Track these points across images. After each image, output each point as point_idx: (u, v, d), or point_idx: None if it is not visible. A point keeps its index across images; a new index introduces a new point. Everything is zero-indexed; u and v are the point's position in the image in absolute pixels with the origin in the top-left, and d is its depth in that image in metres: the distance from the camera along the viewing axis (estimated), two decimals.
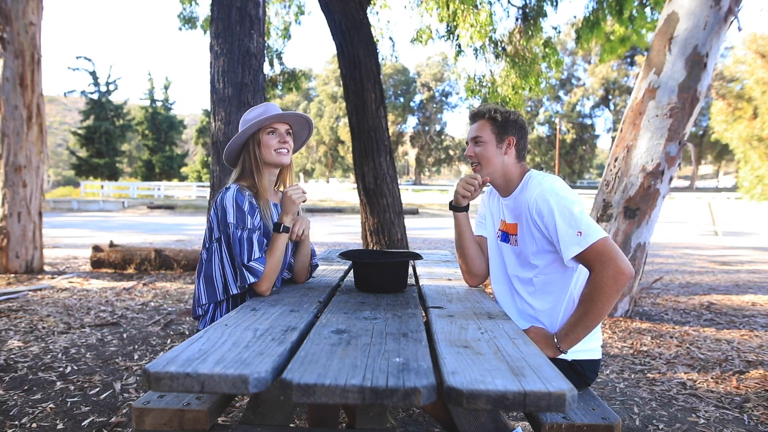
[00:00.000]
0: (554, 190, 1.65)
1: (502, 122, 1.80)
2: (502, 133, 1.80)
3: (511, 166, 1.82)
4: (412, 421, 2.36)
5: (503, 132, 1.80)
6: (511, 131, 1.81)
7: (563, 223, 1.59)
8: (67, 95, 40.43)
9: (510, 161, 1.82)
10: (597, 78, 48.06)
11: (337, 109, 46.83)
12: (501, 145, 1.80)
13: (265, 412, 1.33)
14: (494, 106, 1.83)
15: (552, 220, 1.61)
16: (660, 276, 6.61)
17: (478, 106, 1.87)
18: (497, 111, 1.81)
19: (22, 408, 2.41)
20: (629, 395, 2.71)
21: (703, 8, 3.93)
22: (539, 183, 1.71)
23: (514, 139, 1.81)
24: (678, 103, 4.01)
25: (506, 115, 1.81)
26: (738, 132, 22.88)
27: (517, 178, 1.82)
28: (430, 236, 13.04)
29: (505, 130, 1.80)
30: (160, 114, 40.55)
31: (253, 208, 1.81)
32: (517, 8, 7.59)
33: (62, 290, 5.21)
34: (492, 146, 1.80)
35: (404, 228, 6.33)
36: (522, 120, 1.84)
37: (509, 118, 1.81)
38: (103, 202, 24.71)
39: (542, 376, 0.98)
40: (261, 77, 3.93)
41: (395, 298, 1.76)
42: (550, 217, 1.62)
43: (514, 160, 1.82)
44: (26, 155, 6.00)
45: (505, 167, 1.82)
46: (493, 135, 1.80)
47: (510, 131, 1.81)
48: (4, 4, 5.83)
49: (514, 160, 1.82)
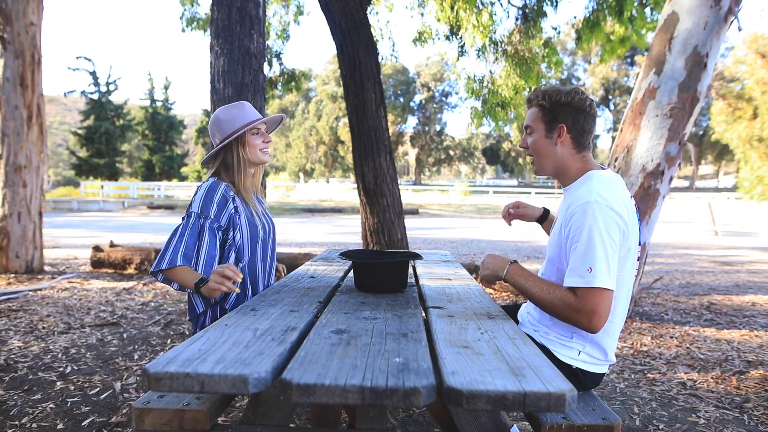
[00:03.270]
0: (602, 207, 1.44)
1: (551, 108, 1.59)
2: (551, 121, 1.60)
3: (567, 158, 1.61)
4: (412, 421, 2.36)
5: (553, 119, 1.59)
6: (561, 117, 1.58)
7: (584, 251, 1.43)
8: (67, 95, 40.40)
9: (566, 152, 1.60)
10: (597, 78, 48.06)
11: (337, 109, 46.82)
12: (551, 135, 1.60)
13: (265, 412, 1.33)
14: (545, 89, 1.61)
15: (578, 239, 1.45)
16: (660, 276, 6.61)
17: (533, 90, 1.67)
18: (546, 95, 1.59)
19: (22, 408, 2.41)
20: (629, 395, 2.71)
21: (703, 8, 3.93)
22: (592, 192, 1.48)
23: (566, 126, 1.58)
24: (678, 103, 4.01)
25: (556, 99, 1.58)
26: (738, 132, 22.86)
27: (577, 172, 1.61)
28: (430, 236, 13.04)
29: (555, 117, 1.59)
30: (160, 114, 40.53)
31: (227, 200, 1.85)
32: (517, 8, 7.59)
33: (62, 290, 5.21)
34: (541, 137, 1.62)
35: (404, 228, 6.33)
36: (579, 100, 1.57)
37: (560, 101, 1.58)
38: (103, 202, 24.71)
39: (542, 376, 0.98)
40: (261, 77, 3.93)
41: (395, 298, 1.76)
42: (579, 233, 1.45)
43: (570, 150, 1.60)
44: (26, 155, 6.00)
45: (561, 159, 1.61)
46: (543, 123, 1.61)
47: (561, 117, 1.58)
48: (4, 5, 5.83)
49: (570, 150, 1.60)
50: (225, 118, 1.93)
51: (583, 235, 1.44)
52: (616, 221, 1.45)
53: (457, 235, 13.36)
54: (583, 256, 1.43)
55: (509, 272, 1.60)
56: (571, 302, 1.44)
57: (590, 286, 1.40)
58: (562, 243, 1.55)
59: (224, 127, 1.92)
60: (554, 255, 1.60)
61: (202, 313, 1.81)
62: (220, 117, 1.94)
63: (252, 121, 1.92)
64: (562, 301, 1.45)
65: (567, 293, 1.46)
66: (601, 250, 1.41)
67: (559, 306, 1.46)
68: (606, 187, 1.51)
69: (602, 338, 1.58)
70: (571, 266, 1.46)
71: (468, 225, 18.00)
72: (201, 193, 1.82)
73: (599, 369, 1.62)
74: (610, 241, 1.43)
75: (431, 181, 69.03)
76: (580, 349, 1.59)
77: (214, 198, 1.82)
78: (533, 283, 1.55)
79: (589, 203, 1.45)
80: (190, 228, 1.77)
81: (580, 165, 1.62)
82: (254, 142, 1.93)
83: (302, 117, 52.76)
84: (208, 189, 1.83)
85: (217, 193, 1.83)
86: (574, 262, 1.45)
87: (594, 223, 1.43)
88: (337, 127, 48.29)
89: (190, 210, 1.80)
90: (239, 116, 1.92)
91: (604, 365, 1.64)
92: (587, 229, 1.43)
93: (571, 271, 1.45)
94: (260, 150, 1.95)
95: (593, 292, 1.40)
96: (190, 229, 1.77)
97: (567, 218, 1.52)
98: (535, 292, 1.53)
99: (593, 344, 1.59)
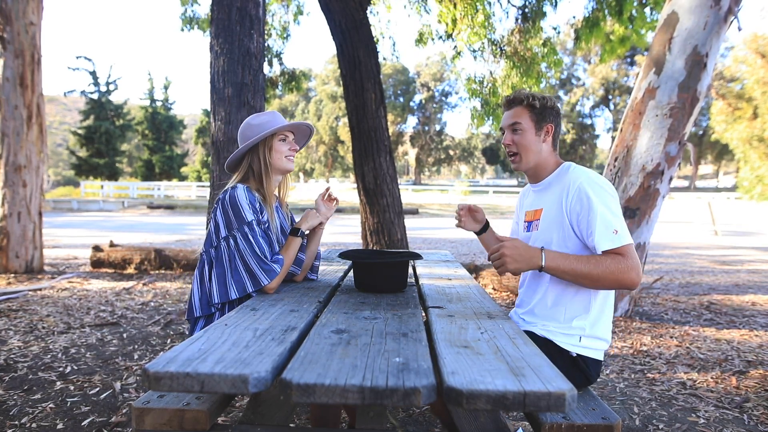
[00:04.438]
0: (600, 183, 1.62)
1: (541, 109, 1.74)
2: (540, 121, 1.75)
3: (548, 154, 1.78)
4: (412, 421, 2.36)
5: (542, 119, 1.75)
6: (549, 118, 1.76)
7: (603, 218, 1.56)
8: (67, 95, 40.45)
9: (547, 149, 1.77)
10: (597, 78, 48.05)
11: (337, 109, 46.81)
12: (540, 133, 1.75)
13: (264, 412, 1.33)
14: (531, 93, 1.77)
15: (592, 212, 1.57)
16: (660, 276, 6.61)
17: (514, 92, 1.80)
18: (535, 97, 1.75)
19: (22, 408, 2.41)
20: (629, 395, 2.71)
21: (703, 8, 3.93)
22: (585, 173, 1.66)
23: (552, 126, 1.76)
24: (678, 103, 4.01)
25: (544, 102, 1.75)
26: (738, 132, 22.89)
27: (553, 166, 1.78)
28: (430, 236, 13.04)
29: (544, 118, 1.75)
30: (160, 114, 40.53)
31: (262, 208, 1.86)
32: (517, 8, 7.59)
33: (62, 290, 5.21)
34: (531, 134, 1.75)
35: (404, 228, 6.33)
36: (558, 106, 1.79)
37: (547, 104, 1.75)
38: (103, 202, 24.71)
39: (542, 376, 0.98)
40: (261, 77, 3.93)
41: (395, 298, 1.76)
42: (589, 207, 1.58)
43: (550, 148, 1.78)
44: (26, 155, 6.00)
45: (543, 155, 1.77)
46: (532, 122, 1.75)
47: (548, 118, 1.75)
48: (4, 4, 5.83)
49: (550, 148, 1.78)
50: (256, 123, 1.93)
51: (595, 207, 1.58)
52: (612, 195, 1.62)
53: (457, 235, 13.36)
54: (603, 223, 1.56)
55: (548, 259, 1.58)
56: (620, 262, 1.53)
57: (622, 244, 1.54)
58: (565, 224, 1.66)
59: (254, 131, 1.92)
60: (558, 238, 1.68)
61: (200, 317, 1.81)
62: (251, 122, 1.95)
63: (285, 126, 1.93)
64: (613, 264, 1.54)
65: (612, 258, 1.55)
66: (614, 214, 1.57)
67: (611, 270, 1.53)
68: (591, 171, 1.70)
69: (601, 318, 1.67)
70: (598, 233, 1.56)
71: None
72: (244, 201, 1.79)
73: (599, 354, 1.68)
74: (616, 207, 1.60)
75: (431, 181, 69.05)
76: (581, 333, 1.65)
77: (255, 206, 1.83)
78: (575, 261, 1.57)
79: (590, 179, 1.63)
80: (260, 237, 1.78)
81: (555, 160, 1.80)
82: (281, 148, 1.93)
83: (302, 117, 52.73)
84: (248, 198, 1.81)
85: (255, 201, 1.84)
86: (600, 230, 1.56)
87: (599, 195, 1.59)
88: (337, 127, 48.28)
89: (247, 219, 1.77)
90: (270, 122, 1.93)
91: (601, 353, 1.70)
92: (596, 201, 1.58)
93: (600, 236, 1.56)
94: (285, 156, 1.95)
95: (628, 248, 1.55)
96: (260, 237, 1.78)
97: (567, 199, 1.65)
98: (582, 268, 1.55)
99: (593, 326, 1.66)
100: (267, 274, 1.74)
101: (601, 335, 1.67)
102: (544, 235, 1.71)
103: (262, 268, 1.74)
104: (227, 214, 1.78)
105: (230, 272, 1.76)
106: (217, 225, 1.80)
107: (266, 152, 1.92)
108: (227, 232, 1.78)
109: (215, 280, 1.77)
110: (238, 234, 1.77)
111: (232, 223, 1.77)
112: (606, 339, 1.69)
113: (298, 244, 1.90)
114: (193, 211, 22.61)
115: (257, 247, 1.75)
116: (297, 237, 1.89)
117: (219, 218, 1.80)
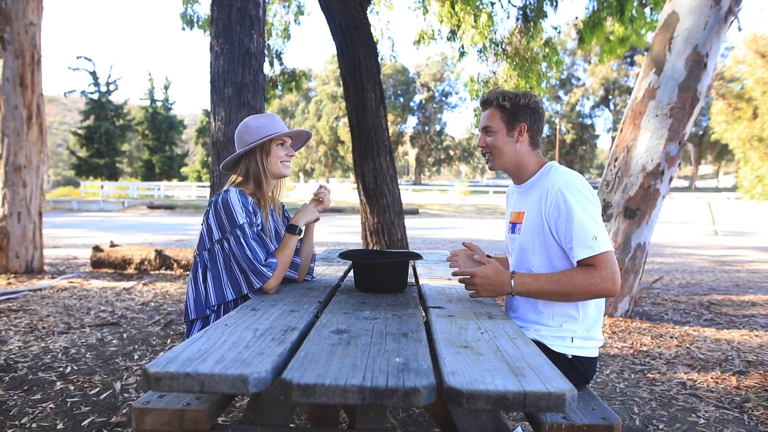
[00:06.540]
0: (579, 187, 1.58)
1: (512, 109, 1.70)
2: (512, 121, 1.71)
3: (525, 154, 1.74)
4: (412, 421, 2.36)
5: (513, 119, 1.71)
6: (522, 117, 1.71)
7: (581, 224, 1.52)
8: (67, 95, 40.47)
9: (524, 149, 1.73)
10: (597, 78, 48.04)
11: (337, 109, 46.79)
12: (512, 133, 1.72)
13: (264, 412, 1.33)
14: (502, 92, 1.73)
15: (570, 217, 1.54)
16: (660, 276, 6.61)
17: (488, 93, 1.77)
18: (506, 97, 1.71)
19: (22, 408, 2.41)
20: (629, 395, 2.71)
21: (703, 8, 3.93)
22: (563, 176, 1.62)
23: (525, 125, 1.71)
24: (678, 103, 4.01)
25: (515, 100, 1.70)
26: (738, 132, 22.88)
27: (534, 166, 1.74)
28: (430, 236, 13.05)
29: (516, 117, 1.71)
30: (160, 114, 40.54)
31: (255, 210, 1.86)
32: (518, 9, 7.59)
33: (62, 290, 5.21)
34: (503, 135, 1.72)
35: (404, 228, 6.33)
36: (534, 102, 1.72)
37: (519, 103, 1.70)
38: (103, 202, 24.72)
39: (542, 376, 0.98)
40: (261, 77, 3.93)
41: (395, 298, 1.76)
42: (567, 213, 1.55)
43: (527, 147, 1.73)
44: (26, 155, 6.00)
45: (519, 155, 1.73)
46: (503, 123, 1.71)
47: (521, 117, 1.71)
48: (4, 4, 5.83)
49: (527, 147, 1.73)
50: (254, 125, 1.92)
51: (574, 212, 1.54)
52: (591, 199, 1.59)
53: (457, 235, 13.36)
54: (581, 229, 1.53)
55: (517, 285, 1.58)
56: (592, 275, 1.51)
57: (601, 251, 1.51)
58: (545, 230, 1.63)
59: (252, 134, 1.91)
60: (539, 243, 1.66)
61: (195, 319, 1.80)
62: (249, 124, 1.93)
63: (285, 133, 1.92)
64: (584, 279, 1.51)
65: (583, 270, 1.53)
66: (593, 220, 1.54)
67: (583, 285, 1.51)
68: (570, 173, 1.65)
69: (591, 317, 1.66)
70: (575, 241, 1.53)
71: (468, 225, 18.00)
72: (237, 204, 1.78)
73: (593, 353, 1.67)
74: (595, 212, 1.57)
75: (431, 181, 69.02)
76: (572, 335, 1.64)
77: (248, 208, 1.82)
78: (545, 282, 1.56)
79: (568, 183, 1.59)
80: (252, 239, 1.76)
81: (536, 160, 1.76)
82: (278, 152, 1.93)
83: (302, 117, 52.75)
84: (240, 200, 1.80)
85: (249, 203, 1.83)
86: (578, 236, 1.53)
87: (578, 200, 1.56)
88: (337, 127, 48.26)
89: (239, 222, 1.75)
90: (269, 125, 1.92)
91: (596, 350, 1.69)
92: (575, 206, 1.55)
93: (578, 245, 1.53)
94: (281, 162, 1.94)
95: (606, 256, 1.51)
96: (252, 239, 1.76)
97: (546, 203, 1.62)
98: (552, 288, 1.55)
99: (583, 326, 1.65)
100: (258, 278, 1.74)
101: (592, 335, 1.67)
102: (527, 241, 1.70)
103: (254, 272, 1.73)
104: (220, 217, 1.78)
105: (225, 274, 1.77)
106: (210, 228, 1.80)
107: (263, 156, 1.91)
108: (220, 235, 1.78)
109: (210, 282, 1.78)
110: (231, 237, 1.77)
111: (225, 226, 1.77)
112: (598, 338, 1.69)
113: (294, 242, 1.89)
114: (193, 212, 22.61)
115: (249, 251, 1.74)
116: (294, 235, 1.88)
117: (212, 221, 1.80)
